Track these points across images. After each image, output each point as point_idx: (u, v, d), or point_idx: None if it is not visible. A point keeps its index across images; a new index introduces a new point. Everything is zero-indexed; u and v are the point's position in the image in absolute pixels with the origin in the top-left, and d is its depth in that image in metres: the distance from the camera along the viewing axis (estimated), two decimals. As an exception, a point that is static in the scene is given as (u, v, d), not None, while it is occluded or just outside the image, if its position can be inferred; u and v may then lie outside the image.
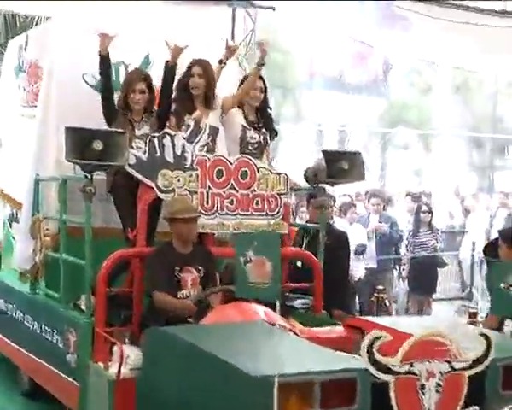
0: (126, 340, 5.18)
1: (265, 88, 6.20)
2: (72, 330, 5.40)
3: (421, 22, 10.96)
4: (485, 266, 9.86)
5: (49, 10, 8.52)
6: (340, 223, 8.87)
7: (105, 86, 5.75)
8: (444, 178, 20.57)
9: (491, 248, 5.65)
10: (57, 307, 5.75)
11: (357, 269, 9.07)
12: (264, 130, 6.13)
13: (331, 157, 5.72)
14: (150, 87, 5.75)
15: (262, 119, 6.19)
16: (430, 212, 10.39)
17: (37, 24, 9.69)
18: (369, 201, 10.59)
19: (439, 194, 17.10)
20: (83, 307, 5.45)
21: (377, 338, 3.45)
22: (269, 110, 6.29)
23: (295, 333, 4.51)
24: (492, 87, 23.32)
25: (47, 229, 6.02)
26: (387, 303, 8.99)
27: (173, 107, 5.81)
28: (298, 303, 5.91)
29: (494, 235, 7.97)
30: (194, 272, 5.22)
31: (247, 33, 9.84)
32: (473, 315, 7.00)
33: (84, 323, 5.27)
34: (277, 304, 4.47)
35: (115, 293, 5.41)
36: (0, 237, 7.19)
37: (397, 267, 10.70)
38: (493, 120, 23.78)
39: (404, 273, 10.57)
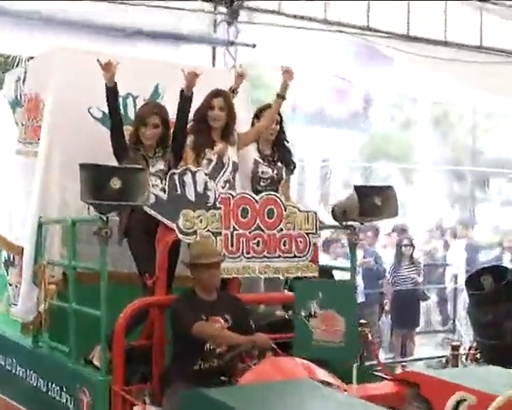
0: (146, 399, 4.68)
1: (281, 119, 5.80)
2: (85, 390, 4.86)
3: (401, 58, 10.89)
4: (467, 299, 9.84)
5: (31, 49, 8.00)
6: (324, 259, 8.48)
7: (114, 120, 5.30)
8: (425, 212, 20.49)
9: (472, 281, 5.38)
10: (66, 362, 5.21)
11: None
12: (279, 164, 5.74)
13: (363, 192, 5.29)
14: (164, 121, 5.30)
15: (278, 152, 5.80)
16: (411, 245, 10.45)
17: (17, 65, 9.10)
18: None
19: (420, 227, 17.12)
20: (96, 363, 4.94)
21: (462, 401, 3.03)
22: (286, 142, 5.89)
23: (344, 390, 4.04)
24: (471, 120, 23.42)
25: (52, 276, 5.50)
26: (370, 337, 8.76)
27: (189, 140, 5.36)
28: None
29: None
30: (222, 321, 4.72)
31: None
32: (455, 348, 6.95)
33: (100, 381, 4.74)
34: (354, 369, 3.91)
35: (132, 346, 4.89)
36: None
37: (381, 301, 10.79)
38: (473, 152, 23.85)
39: (386, 307, 10.64)
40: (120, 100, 5.75)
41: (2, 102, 6.60)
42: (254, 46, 9.68)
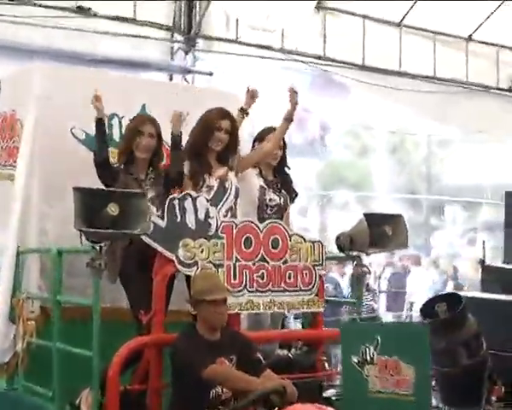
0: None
1: (285, 145, 5.44)
2: (72, 439, 4.36)
3: (357, 87, 10.93)
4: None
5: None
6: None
7: (100, 151, 4.86)
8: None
9: (427, 309, 5.24)
10: (48, 407, 4.69)
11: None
12: (283, 191, 5.36)
13: (373, 221, 4.94)
14: (158, 134, 4.93)
15: (280, 179, 5.43)
16: (368, 273, 10.24)
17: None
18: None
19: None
20: (84, 409, 4.43)
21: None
22: (287, 169, 5.51)
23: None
24: (426, 149, 23.61)
25: (31, 311, 4.99)
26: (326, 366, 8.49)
27: (186, 165, 4.94)
28: (330, 393, 5.05)
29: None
30: (226, 363, 4.28)
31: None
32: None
33: (92, 430, 4.25)
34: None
35: (126, 390, 4.39)
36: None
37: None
38: (428, 180, 24.01)
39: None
40: (105, 120, 5.33)
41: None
42: (211, 74, 9.53)
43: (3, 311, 5.09)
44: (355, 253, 5.15)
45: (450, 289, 13.89)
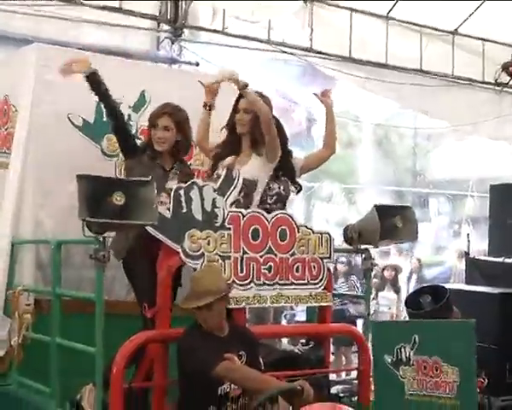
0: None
1: (282, 129, 5.28)
2: (74, 440, 4.17)
3: (343, 80, 10.87)
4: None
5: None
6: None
7: (110, 109, 4.65)
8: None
9: (412, 301, 5.32)
10: (47, 405, 4.49)
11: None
12: (283, 178, 5.17)
13: (384, 213, 4.78)
14: (179, 125, 4.67)
15: (282, 167, 5.25)
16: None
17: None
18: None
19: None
20: (87, 407, 4.25)
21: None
22: (291, 159, 5.34)
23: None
24: (412, 142, 23.57)
25: (27, 304, 4.78)
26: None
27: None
28: (337, 389, 4.90)
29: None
30: (236, 359, 4.09)
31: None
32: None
33: (95, 429, 4.05)
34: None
35: (130, 387, 4.20)
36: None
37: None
38: (413, 173, 23.99)
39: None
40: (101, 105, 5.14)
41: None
42: (198, 64, 9.32)
43: (-3, 305, 4.89)
44: (363, 246, 4.99)
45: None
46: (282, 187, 5.17)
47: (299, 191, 5.39)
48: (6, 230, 4.93)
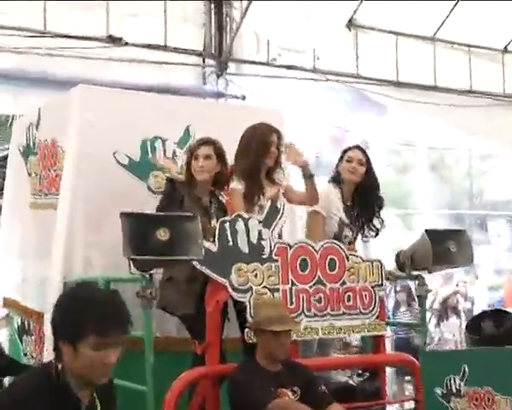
0: None
1: (369, 160, 5.28)
2: None
3: (393, 105, 10.75)
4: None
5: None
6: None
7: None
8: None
9: (473, 326, 5.14)
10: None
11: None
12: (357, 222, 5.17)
13: (436, 237, 4.65)
14: (220, 155, 4.65)
15: (360, 204, 5.21)
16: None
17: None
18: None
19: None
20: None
21: None
22: (377, 192, 5.30)
23: None
24: (467, 164, 23.23)
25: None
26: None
27: (236, 185, 4.72)
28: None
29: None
30: (290, 394, 4.00)
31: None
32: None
33: None
34: None
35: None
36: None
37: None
38: (470, 195, 23.63)
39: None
40: (148, 143, 5.18)
41: (12, 153, 5.93)
42: (244, 98, 9.32)
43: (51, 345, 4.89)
44: (416, 272, 4.86)
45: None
46: (353, 233, 5.15)
47: (377, 234, 5.27)
48: (58, 270, 4.95)
